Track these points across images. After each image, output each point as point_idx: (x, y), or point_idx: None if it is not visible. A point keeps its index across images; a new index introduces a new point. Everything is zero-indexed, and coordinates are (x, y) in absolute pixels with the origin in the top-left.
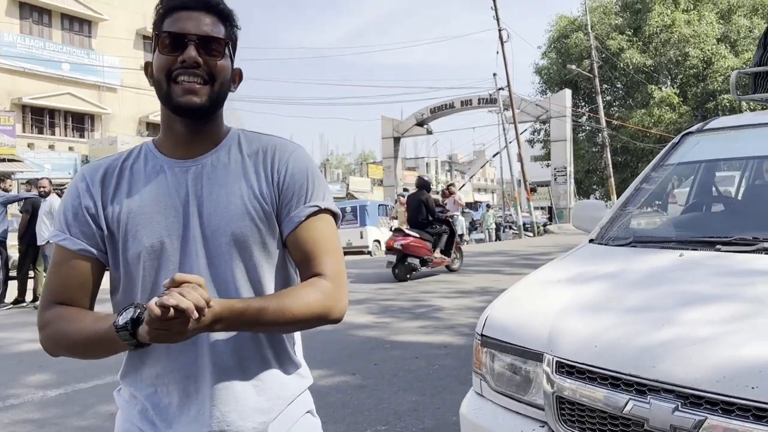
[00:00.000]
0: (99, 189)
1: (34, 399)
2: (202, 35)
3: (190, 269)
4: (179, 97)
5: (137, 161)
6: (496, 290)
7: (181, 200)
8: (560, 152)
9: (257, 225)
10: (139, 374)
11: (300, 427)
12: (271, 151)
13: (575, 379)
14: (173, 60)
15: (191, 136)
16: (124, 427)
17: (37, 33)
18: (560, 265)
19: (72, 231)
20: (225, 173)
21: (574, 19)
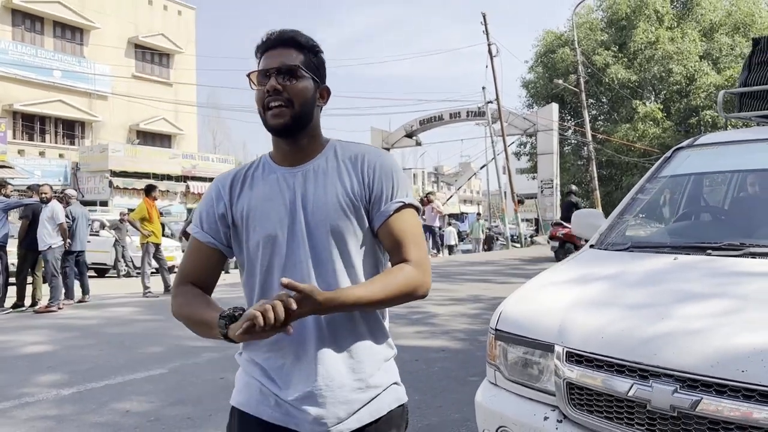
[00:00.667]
0: (228, 193)
1: (48, 397)
2: (278, 66)
3: (297, 255)
4: (270, 120)
5: (257, 169)
6: (487, 298)
7: (290, 199)
8: (547, 165)
9: (349, 218)
10: (256, 343)
11: (389, 392)
12: (362, 157)
13: (584, 367)
14: (262, 92)
15: (293, 150)
16: (245, 380)
17: (29, 40)
18: (565, 268)
19: (204, 227)
20: (324, 176)
21: (561, 34)
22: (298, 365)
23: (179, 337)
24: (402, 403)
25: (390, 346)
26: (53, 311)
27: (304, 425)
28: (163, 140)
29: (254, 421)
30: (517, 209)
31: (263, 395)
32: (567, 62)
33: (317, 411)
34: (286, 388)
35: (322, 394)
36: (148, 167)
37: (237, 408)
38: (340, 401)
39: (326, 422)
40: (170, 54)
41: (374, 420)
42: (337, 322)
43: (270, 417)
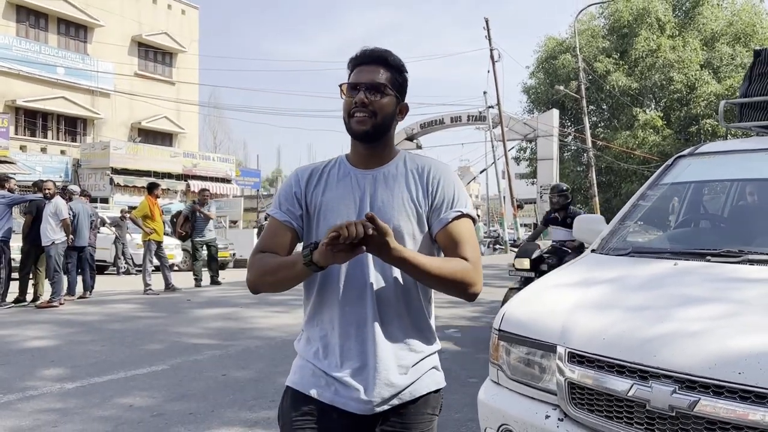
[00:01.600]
0: (305, 182)
1: (52, 391)
2: (367, 83)
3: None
4: (354, 126)
5: (334, 167)
6: (486, 301)
7: (359, 198)
8: (546, 171)
9: (411, 220)
10: (319, 320)
11: (428, 375)
12: (428, 168)
13: (585, 367)
14: (350, 102)
15: (369, 155)
16: (300, 363)
17: (33, 36)
18: (567, 271)
19: (282, 208)
20: (392, 181)
21: (563, 40)
22: (350, 345)
23: (181, 334)
24: (440, 387)
25: (435, 336)
26: (54, 306)
27: (351, 404)
28: (164, 139)
29: (304, 398)
30: (516, 214)
31: (315, 376)
32: (568, 68)
33: (365, 390)
34: (337, 366)
35: (370, 374)
36: (149, 165)
37: (290, 387)
38: (385, 383)
39: (372, 401)
40: (173, 53)
41: (413, 400)
42: (391, 310)
43: (320, 396)
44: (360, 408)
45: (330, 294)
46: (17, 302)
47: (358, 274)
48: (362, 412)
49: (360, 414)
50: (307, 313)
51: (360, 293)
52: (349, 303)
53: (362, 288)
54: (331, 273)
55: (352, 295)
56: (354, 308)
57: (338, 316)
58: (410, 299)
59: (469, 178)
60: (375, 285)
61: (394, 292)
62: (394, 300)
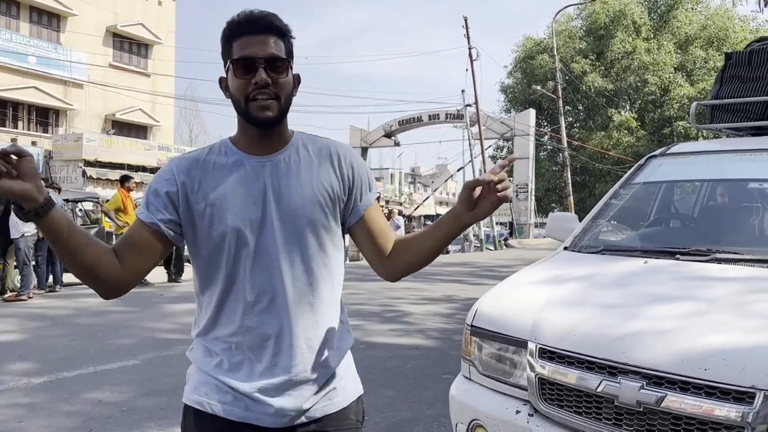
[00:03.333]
0: (184, 177)
1: (19, 386)
2: (268, 57)
3: (267, 248)
4: (256, 113)
5: (220, 156)
6: (461, 298)
7: (260, 190)
8: (522, 170)
9: (325, 212)
10: (218, 332)
11: (347, 381)
12: (335, 149)
13: (556, 363)
14: (247, 82)
15: (264, 138)
16: (201, 378)
17: (5, 24)
18: (539, 268)
19: (150, 208)
20: (297, 168)
21: (540, 40)
22: (258, 355)
23: (152, 329)
24: (360, 393)
25: (350, 336)
26: (23, 300)
27: (265, 419)
28: (138, 131)
29: (211, 419)
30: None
31: (220, 392)
32: (545, 69)
33: (279, 403)
34: (245, 380)
35: (283, 385)
36: (123, 158)
37: (192, 407)
38: (302, 392)
39: (288, 414)
40: (149, 44)
41: (336, 410)
42: (304, 311)
43: (229, 414)
44: (275, 422)
45: (232, 300)
46: None
47: (265, 277)
48: (278, 426)
49: (276, 428)
50: (203, 320)
51: (268, 298)
52: (256, 309)
53: (270, 292)
54: (237, 276)
55: (258, 300)
56: (262, 315)
57: (243, 325)
58: (323, 301)
59: (447, 176)
60: (284, 288)
61: (306, 295)
62: (307, 304)
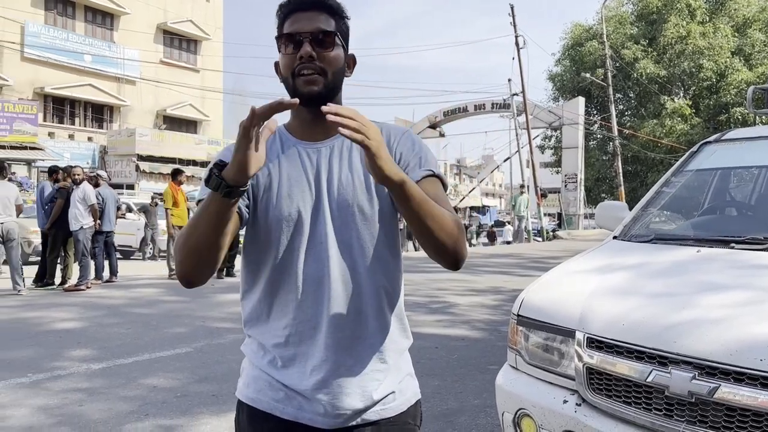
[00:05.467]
0: None
1: (79, 371)
2: (313, 31)
3: (319, 235)
4: (301, 88)
5: (274, 142)
6: (507, 290)
7: (314, 177)
8: (571, 159)
9: (377, 197)
10: (270, 325)
11: (405, 384)
12: (387, 133)
13: (604, 353)
14: (293, 57)
15: (316, 122)
16: (253, 373)
17: (61, 24)
18: (587, 258)
19: None
20: (349, 154)
21: (589, 27)
22: (312, 352)
23: (204, 318)
24: (419, 398)
25: (408, 337)
26: (82, 290)
27: (318, 419)
28: (189, 126)
29: (264, 416)
30: (540, 203)
31: (273, 389)
32: (595, 56)
33: (332, 403)
34: (297, 378)
35: (338, 385)
36: (174, 152)
37: (245, 403)
38: (357, 393)
39: (342, 415)
40: (198, 40)
41: (394, 415)
42: (358, 306)
43: (282, 413)
44: (329, 423)
45: (283, 292)
46: (46, 285)
47: (318, 268)
48: (332, 427)
49: (330, 429)
50: (251, 313)
51: (319, 290)
52: (309, 304)
53: (323, 285)
54: (290, 262)
55: (309, 292)
56: (315, 310)
57: (295, 318)
58: (382, 291)
59: (493, 167)
60: (340, 280)
61: (364, 284)
62: (366, 295)
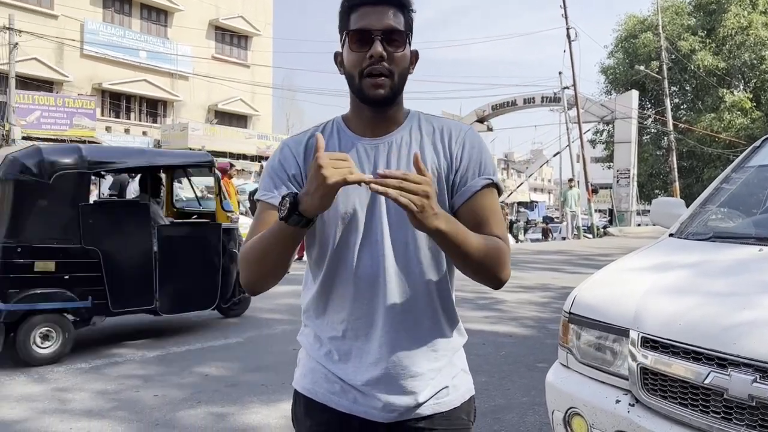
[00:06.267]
0: (303, 161)
1: (135, 358)
2: (385, 29)
3: (375, 233)
4: (369, 90)
5: (332, 137)
6: (556, 287)
7: (371, 173)
8: (624, 154)
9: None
10: (326, 318)
11: (459, 380)
12: (447, 130)
13: (660, 353)
14: (362, 56)
15: (377, 119)
16: (310, 365)
17: (118, 22)
18: (642, 255)
19: (279, 191)
20: (408, 151)
21: (644, 18)
22: (368, 347)
23: (254, 309)
24: (473, 394)
25: (462, 334)
26: None
27: (373, 413)
28: (239, 120)
29: (321, 408)
30: (591, 199)
31: (329, 381)
32: (649, 48)
33: (387, 398)
34: (355, 371)
35: (391, 379)
36: (225, 146)
37: (302, 393)
38: (411, 388)
39: (397, 409)
40: (248, 36)
41: (448, 410)
42: (413, 303)
43: (337, 405)
44: (384, 417)
45: (339, 287)
46: None
47: (373, 266)
48: (387, 421)
49: (385, 422)
50: (309, 304)
51: (376, 290)
52: (364, 301)
53: (378, 284)
54: (343, 260)
55: (366, 291)
56: (370, 307)
57: (351, 315)
58: (435, 291)
59: (542, 162)
60: (395, 279)
61: (418, 282)
62: (420, 292)
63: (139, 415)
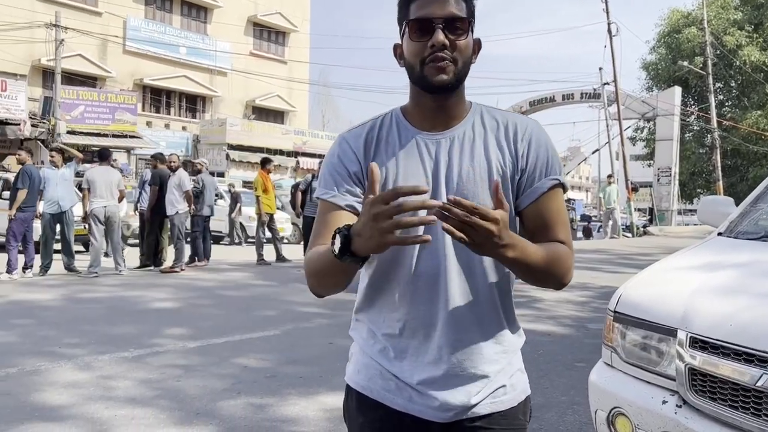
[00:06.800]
0: (363, 155)
1: (176, 348)
2: (447, 17)
3: (435, 233)
4: (431, 77)
5: (391, 131)
6: (596, 286)
7: (431, 170)
8: (665, 152)
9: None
10: (382, 314)
11: (516, 379)
12: (512, 126)
13: (709, 354)
14: (423, 45)
15: (438, 111)
16: (364, 361)
17: (160, 18)
18: (690, 254)
19: (340, 190)
20: (470, 147)
21: (688, 13)
22: (426, 347)
23: (291, 303)
24: (528, 393)
25: (520, 335)
26: (177, 272)
27: (428, 412)
28: (276, 116)
29: (374, 405)
30: (631, 197)
31: (384, 378)
32: (693, 43)
33: (444, 397)
34: (411, 369)
35: (448, 379)
36: (262, 142)
37: (355, 390)
38: (468, 388)
39: (453, 409)
40: (286, 32)
41: (505, 409)
42: (474, 303)
43: (391, 403)
44: (439, 416)
45: (396, 284)
46: (143, 267)
47: (434, 265)
48: (442, 420)
49: (440, 422)
50: (364, 300)
51: (436, 290)
52: (423, 300)
53: (439, 283)
54: (401, 260)
55: (425, 290)
56: (429, 307)
57: (409, 314)
58: (496, 290)
59: (580, 159)
60: (456, 278)
61: (480, 282)
62: (481, 292)
63: (180, 404)
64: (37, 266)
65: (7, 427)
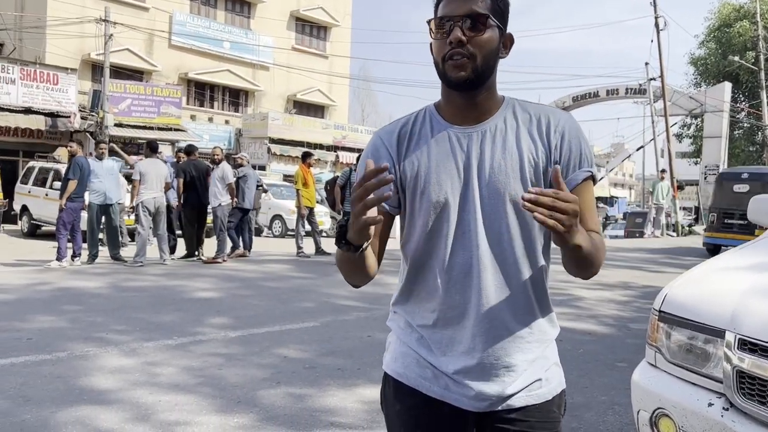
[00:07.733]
0: (396, 151)
1: (218, 338)
2: (463, 15)
3: (468, 223)
4: (451, 72)
5: (424, 125)
6: (638, 286)
7: (463, 163)
8: (713, 150)
9: (530, 187)
10: (417, 306)
11: (551, 373)
12: (545, 118)
13: (758, 356)
14: (443, 42)
15: (468, 106)
16: (401, 349)
17: (204, 13)
18: (740, 254)
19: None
20: (502, 140)
21: (740, 6)
22: (460, 337)
23: (330, 295)
24: (564, 387)
25: (554, 325)
26: (219, 262)
27: (464, 401)
28: (316, 111)
29: (410, 392)
30: (676, 196)
31: (420, 366)
32: (745, 37)
33: (479, 386)
34: (447, 359)
35: (484, 368)
36: (303, 136)
37: (392, 377)
38: (504, 378)
39: (489, 399)
40: (327, 27)
41: (540, 402)
42: (507, 294)
43: (428, 390)
44: (475, 405)
45: (431, 276)
46: (186, 257)
47: (466, 257)
48: (478, 410)
49: (475, 411)
50: (401, 291)
51: (469, 281)
52: (456, 291)
53: (472, 275)
54: (434, 249)
55: (458, 282)
56: (463, 298)
57: (443, 304)
58: (529, 281)
59: (624, 156)
60: (489, 270)
61: (512, 272)
62: (514, 283)
63: (222, 392)
64: (85, 255)
65: (58, 408)
